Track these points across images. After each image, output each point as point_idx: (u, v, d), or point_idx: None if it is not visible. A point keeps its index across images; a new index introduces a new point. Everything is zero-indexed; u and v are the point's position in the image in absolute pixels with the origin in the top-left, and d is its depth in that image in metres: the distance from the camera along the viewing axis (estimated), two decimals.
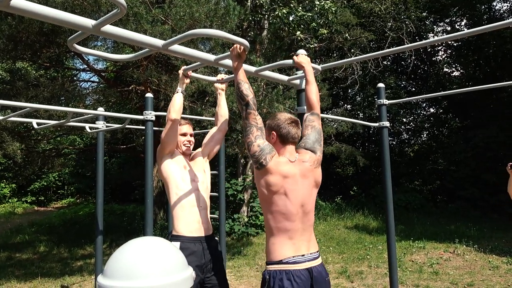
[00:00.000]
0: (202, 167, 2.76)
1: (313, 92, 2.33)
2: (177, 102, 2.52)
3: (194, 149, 2.89)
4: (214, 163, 2.90)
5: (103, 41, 10.46)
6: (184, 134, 2.71)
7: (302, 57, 2.43)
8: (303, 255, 1.98)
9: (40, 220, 14.19)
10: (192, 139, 2.77)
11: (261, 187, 2.03)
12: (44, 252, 9.44)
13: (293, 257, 1.95)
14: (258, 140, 2.01)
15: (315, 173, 2.15)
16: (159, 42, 1.85)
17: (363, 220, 11.95)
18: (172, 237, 2.49)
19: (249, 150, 2.03)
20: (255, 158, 2.00)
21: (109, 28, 1.65)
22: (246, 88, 2.07)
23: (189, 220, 2.49)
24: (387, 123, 3.88)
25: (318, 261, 2.05)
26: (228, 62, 2.23)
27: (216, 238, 2.71)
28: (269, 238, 2.04)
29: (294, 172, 2.04)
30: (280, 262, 1.94)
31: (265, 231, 2.16)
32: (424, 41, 2.37)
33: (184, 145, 2.71)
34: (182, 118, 2.72)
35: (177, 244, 2.38)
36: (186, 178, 2.58)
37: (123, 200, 18.26)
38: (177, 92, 2.57)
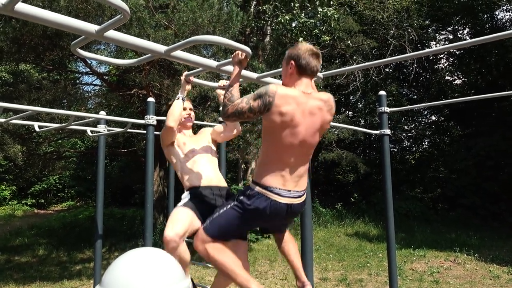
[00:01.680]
0: (206, 138, 2.85)
1: None
2: (176, 110, 2.56)
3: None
4: None
5: (106, 44, 10.51)
6: (184, 109, 2.75)
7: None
8: (289, 191, 2.01)
9: (39, 223, 14.17)
10: (192, 113, 2.86)
11: (268, 120, 1.95)
12: (43, 255, 9.42)
13: (279, 189, 1.98)
14: (246, 99, 1.96)
15: (325, 115, 2.06)
16: (161, 48, 1.85)
17: (363, 228, 11.91)
18: (186, 194, 2.56)
19: (250, 111, 1.95)
20: (261, 105, 1.92)
21: (112, 33, 1.65)
22: (232, 90, 2.04)
23: (193, 177, 2.58)
24: (388, 131, 3.87)
25: (301, 199, 2.09)
26: (230, 68, 2.23)
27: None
28: (262, 163, 2.06)
29: (305, 102, 1.97)
30: (266, 188, 1.98)
31: (259, 157, 2.12)
32: (426, 50, 2.37)
33: (185, 118, 2.78)
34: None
35: (187, 195, 2.52)
36: (186, 151, 2.68)
37: (123, 204, 18.22)
38: (178, 98, 2.59)
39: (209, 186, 2.56)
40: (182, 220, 2.34)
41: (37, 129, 3.93)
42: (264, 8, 9.21)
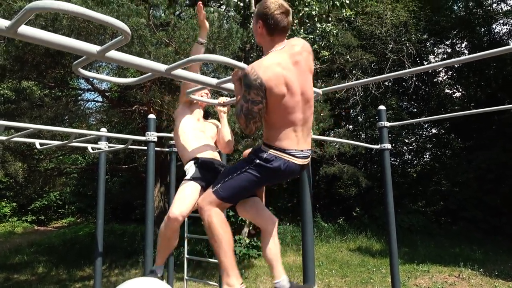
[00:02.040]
0: (213, 130, 2.90)
1: None
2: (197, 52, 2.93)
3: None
4: None
5: (108, 62, 10.63)
6: (202, 88, 2.81)
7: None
8: (302, 150, 2.05)
9: (39, 240, 14.07)
10: (208, 92, 2.87)
11: (273, 97, 1.93)
12: (43, 273, 9.32)
13: (295, 150, 2.02)
14: (247, 95, 1.94)
15: (305, 56, 2.04)
16: (162, 67, 1.88)
17: (366, 242, 11.80)
18: (186, 164, 2.55)
19: (255, 104, 1.92)
20: (258, 93, 1.89)
21: (113, 53, 1.67)
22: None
23: (195, 149, 2.58)
24: (388, 146, 3.88)
25: (309, 159, 2.17)
26: (230, 85, 2.25)
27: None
28: (270, 129, 2.04)
29: (285, 59, 1.96)
30: (283, 151, 2.00)
31: (265, 122, 2.08)
32: (425, 66, 2.39)
33: (201, 96, 2.77)
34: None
35: (192, 164, 2.49)
36: (196, 129, 2.71)
37: (124, 220, 18.12)
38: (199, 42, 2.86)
39: (213, 159, 2.56)
40: (189, 197, 2.33)
41: (38, 146, 3.95)
42: None
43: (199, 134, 2.69)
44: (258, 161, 2.03)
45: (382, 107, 3.94)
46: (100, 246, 4.55)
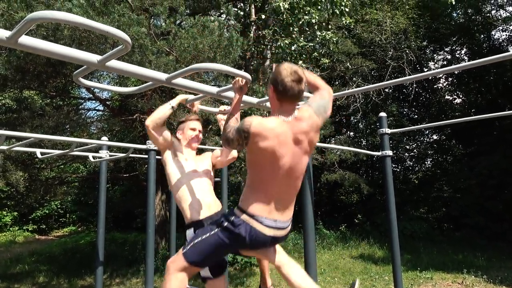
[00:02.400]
0: (207, 162, 2.79)
1: (313, 79, 2.23)
2: (160, 111, 2.53)
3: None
4: (216, 191, 2.88)
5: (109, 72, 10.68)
6: (193, 129, 2.74)
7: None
8: (275, 220, 1.93)
9: (40, 249, 14.02)
10: (200, 135, 2.80)
11: (250, 153, 1.93)
12: (43, 283, 9.27)
13: (265, 218, 1.91)
14: (235, 132, 1.93)
15: (311, 136, 1.99)
16: (162, 76, 1.88)
17: (368, 249, 11.73)
18: (186, 227, 2.51)
19: (235, 143, 1.95)
20: (242, 133, 1.88)
21: (114, 63, 1.68)
22: (234, 121, 2.04)
23: (196, 206, 2.51)
24: (389, 152, 3.87)
25: (286, 231, 2.02)
26: (231, 94, 2.26)
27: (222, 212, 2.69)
28: (249, 189, 2.00)
29: (286, 132, 1.90)
30: (252, 216, 1.91)
31: (246, 181, 2.06)
32: (426, 73, 2.40)
33: (191, 138, 2.72)
34: (192, 114, 2.77)
35: (192, 233, 2.42)
36: (188, 169, 2.61)
37: (125, 228, 18.06)
38: (170, 105, 2.55)
39: (210, 216, 2.52)
40: None
41: (39, 155, 3.95)
42: (263, 33, 9.39)
43: (193, 181, 2.58)
44: (226, 224, 1.97)
45: (383, 114, 3.94)
46: (101, 255, 4.52)
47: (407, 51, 13.08)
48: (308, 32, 9.56)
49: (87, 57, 1.59)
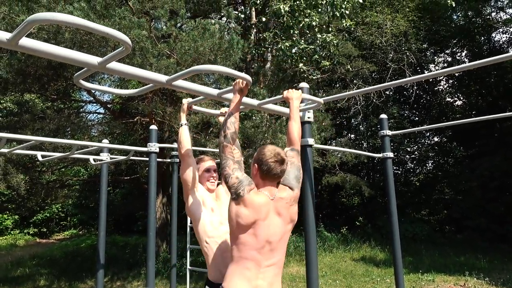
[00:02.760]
0: (227, 205, 2.71)
1: (295, 129, 2.31)
2: (185, 136, 2.53)
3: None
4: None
5: (110, 74, 10.69)
6: (208, 170, 2.67)
7: (291, 92, 2.40)
8: None
9: (41, 252, 14.01)
10: (216, 174, 2.72)
11: (231, 219, 2.02)
12: (44, 286, 9.25)
13: None
14: (236, 173, 2.01)
15: (291, 210, 2.12)
16: (163, 78, 1.88)
17: (369, 252, 11.69)
18: (207, 283, 2.46)
19: (226, 183, 2.02)
20: (233, 189, 1.99)
21: (114, 65, 1.68)
22: (232, 122, 2.08)
23: (221, 268, 2.42)
24: (390, 154, 3.86)
25: None
26: (231, 96, 2.26)
27: None
28: (230, 264, 2.06)
29: (268, 208, 2.03)
30: None
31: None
32: (426, 74, 2.39)
33: (208, 181, 2.65)
34: (204, 154, 2.71)
35: None
36: (214, 223, 2.51)
37: (126, 231, 18.05)
38: (181, 125, 2.58)
39: None
40: None
41: (40, 158, 3.95)
42: (264, 35, 9.40)
43: (219, 235, 2.49)
44: None
45: (383, 116, 3.93)
46: (102, 258, 4.51)
47: (408, 53, 13.09)
48: (309, 35, 9.57)
49: (87, 59, 1.59)
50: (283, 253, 2.12)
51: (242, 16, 10.43)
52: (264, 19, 9.48)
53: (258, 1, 9.16)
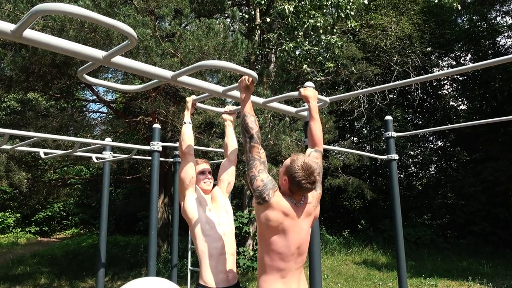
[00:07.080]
0: (224, 207, 2.65)
1: (318, 129, 2.29)
2: (187, 134, 2.50)
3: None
4: None
5: (114, 73, 10.70)
6: (202, 172, 2.64)
7: (309, 90, 2.38)
8: None
9: (42, 251, 14.01)
10: (211, 176, 2.70)
11: (260, 223, 2.00)
12: (45, 284, 9.24)
13: None
14: (262, 175, 1.97)
15: (316, 211, 2.16)
16: (168, 74, 1.86)
17: (371, 255, 11.62)
18: (199, 286, 2.40)
19: (251, 184, 1.99)
20: (257, 193, 1.96)
21: (119, 59, 1.65)
22: (252, 121, 2.04)
23: (217, 270, 2.39)
24: (395, 156, 3.82)
25: None
26: (236, 93, 2.23)
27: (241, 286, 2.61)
28: (261, 274, 2.04)
29: (296, 212, 2.02)
30: None
31: (257, 267, 2.12)
32: (430, 75, 2.36)
33: (204, 183, 2.63)
34: (206, 154, 2.69)
35: None
36: (211, 223, 2.47)
37: (127, 231, 18.03)
38: (185, 123, 2.56)
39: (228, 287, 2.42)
40: None
41: (42, 155, 3.93)
42: (268, 36, 9.38)
43: (213, 241, 2.44)
44: None
45: (389, 117, 3.90)
46: (103, 258, 4.49)
47: (412, 57, 13.03)
48: (313, 36, 9.54)
49: (92, 53, 1.56)
50: (306, 255, 2.17)
51: (247, 16, 10.41)
52: (268, 20, 9.46)
53: (263, 2, 9.14)
